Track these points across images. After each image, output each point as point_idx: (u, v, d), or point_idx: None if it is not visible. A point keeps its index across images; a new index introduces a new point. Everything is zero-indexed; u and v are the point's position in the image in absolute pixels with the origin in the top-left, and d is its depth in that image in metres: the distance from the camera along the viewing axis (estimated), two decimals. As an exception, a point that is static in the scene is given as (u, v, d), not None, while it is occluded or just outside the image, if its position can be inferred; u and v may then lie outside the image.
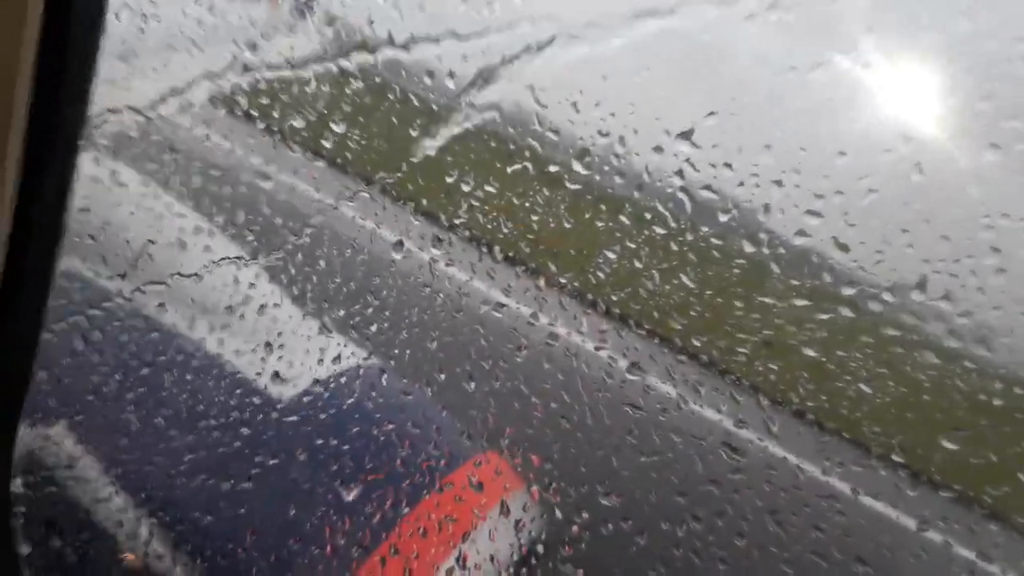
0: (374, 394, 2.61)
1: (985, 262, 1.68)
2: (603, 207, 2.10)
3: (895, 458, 2.01)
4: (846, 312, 1.88)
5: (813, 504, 2.03)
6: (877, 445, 2.06)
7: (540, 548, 2.30)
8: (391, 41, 2.09)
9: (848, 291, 1.86)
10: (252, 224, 2.70)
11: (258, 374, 2.75)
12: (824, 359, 1.96)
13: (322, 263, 2.56)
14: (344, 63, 2.23)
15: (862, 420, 2.03)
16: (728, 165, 1.87)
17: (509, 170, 2.12)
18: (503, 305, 2.42)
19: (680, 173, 1.95)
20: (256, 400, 2.69)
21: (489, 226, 2.26)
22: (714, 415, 2.15)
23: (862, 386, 1.92)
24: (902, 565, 2.00)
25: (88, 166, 3.10)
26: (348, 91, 2.21)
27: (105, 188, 2.99)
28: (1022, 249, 1.64)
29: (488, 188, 2.17)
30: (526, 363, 2.37)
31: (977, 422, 1.91)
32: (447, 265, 2.44)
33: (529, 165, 2.10)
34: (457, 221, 2.30)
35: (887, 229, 1.77)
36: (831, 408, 2.03)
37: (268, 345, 2.80)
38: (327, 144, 2.37)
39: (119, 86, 2.84)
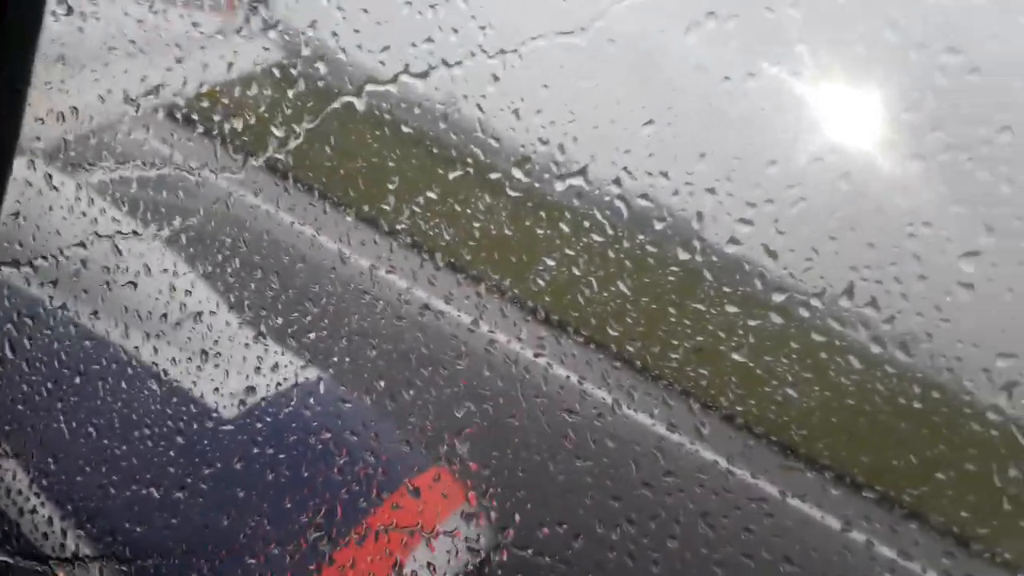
0: (312, 402, 2.58)
1: (908, 269, 1.73)
2: (543, 214, 2.11)
3: (821, 461, 2.05)
4: (775, 318, 1.92)
5: (743, 506, 2.06)
6: (804, 448, 2.10)
7: (480, 554, 2.29)
8: (336, 44, 2.09)
9: (778, 297, 1.90)
10: (188, 230, 2.66)
11: (194, 383, 2.70)
12: (753, 364, 1.99)
13: (259, 271, 2.53)
14: (287, 67, 2.22)
15: (789, 424, 2.07)
16: (664, 174, 1.90)
17: (451, 176, 2.13)
18: (443, 312, 2.42)
19: (617, 181, 1.98)
20: (192, 409, 2.64)
21: (430, 232, 2.26)
22: (647, 420, 2.17)
23: (789, 391, 1.96)
24: (827, 564, 2.04)
25: (21, 171, 3.04)
26: (290, 94, 2.20)
27: (38, 193, 2.92)
28: (943, 256, 1.70)
29: (429, 194, 2.18)
30: (466, 370, 2.36)
31: (897, 425, 1.96)
32: (388, 272, 2.43)
33: (471, 171, 2.11)
34: (398, 227, 2.29)
35: (815, 237, 1.81)
36: (759, 412, 2.07)
37: (204, 353, 2.75)
38: (267, 149, 2.34)
39: (56, 89, 2.78)
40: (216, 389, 2.63)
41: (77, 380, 2.79)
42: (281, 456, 2.51)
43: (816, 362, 1.91)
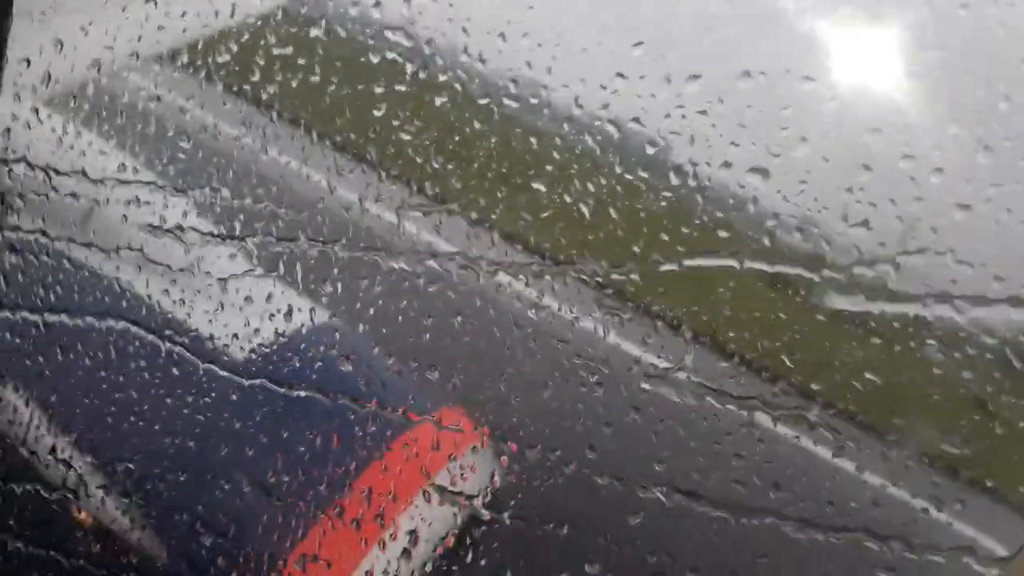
0: (314, 345, 2.51)
1: (903, 191, 1.65)
2: (532, 140, 2.02)
3: (814, 386, 1.99)
4: (767, 242, 1.84)
5: (734, 432, 2.01)
6: (794, 376, 2.04)
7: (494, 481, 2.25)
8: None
9: (771, 222, 1.83)
10: (177, 161, 2.57)
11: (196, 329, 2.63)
12: (744, 292, 1.92)
13: (248, 199, 2.43)
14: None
15: (779, 352, 2.01)
16: (654, 96, 1.81)
17: (437, 102, 2.03)
18: (432, 244, 2.34)
19: (607, 105, 1.89)
20: (201, 358, 2.58)
21: (418, 161, 2.17)
22: (637, 348, 2.11)
23: (781, 315, 1.89)
24: (816, 490, 1.99)
25: (7, 105, 2.94)
26: (273, 22, 2.09)
27: (25, 126, 2.84)
28: (939, 177, 1.62)
29: (417, 122, 2.08)
30: (459, 303, 2.30)
31: (890, 351, 1.90)
32: (376, 201, 2.34)
33: (458, 98, 2.01)
34: (385, 157, 2.20)
35: (810, 159, 1.73)
36: (750, 341, 2.00)
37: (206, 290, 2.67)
38: (252, 81, 2.24)
39: (37, 20, 2.68)
40: (219, 330, 2.57)
41: (71, 315, 2.75)
42: (289, 399, 2.45)
43: (808, 287, 1.84)
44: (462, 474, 2.29)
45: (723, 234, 1.86)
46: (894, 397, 1.93)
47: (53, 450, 2.56)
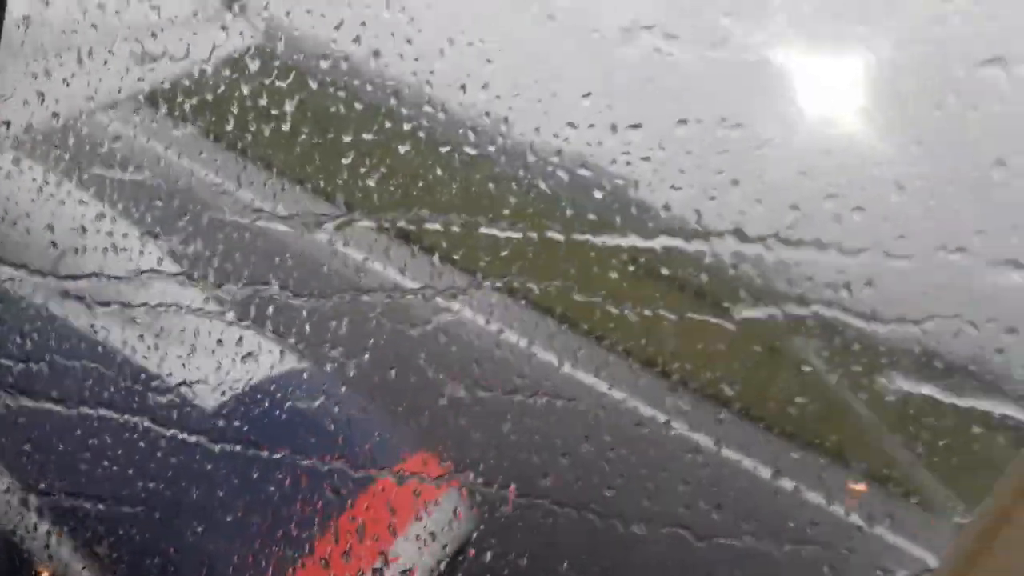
0: (289, 389, 2.54)
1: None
2: (491, 186, 2.15)
3: (753, 412, 2.11)
4: (706, 279, 1.98)
5: (680, 458, 2.12)
6: (736, 400, 2.16)
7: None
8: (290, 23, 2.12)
9: (709, 259, 1.96)
10: (154, 209, 2.65)
11: (169, 374, 2.65)
12: (689, 325, 2.04)
13: (220, 246, 2.53)
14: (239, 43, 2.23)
15: (719, 381, 2.13)
16: (601, 143, 1.95)
17: (401, 150, 2.16)
18: (399, 284, 2.45)
19: (559, 152, 2.03)
20: (168, 400, 2.59)
21: (385, 205, 2.29)
22: (591, 379, 2.22)
23: (720, 346, 2.01)
24: (758, 511, 2.10)
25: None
26: (248, 70, 2.22)
27: (6, 176, 2.89)
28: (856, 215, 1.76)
29: (383, 168, 2.20)
30: (424, 340, 2.39)
31: (825, 373, 2.02)
32: (344, 246, 2.45)
33: (421, 145, 2.14)
34: (353, 201, 2.32)
35: (743, 202, 1.87)
36: (693, 369, 2.13)
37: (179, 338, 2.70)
38: (225, 127, 2.36)
39: (23, 73, 2.76)
40: (191, 377, 2.59)
41: (45, 366, 2.73)
42: (261, 444, 2.47)
43: (750, 324, 1.97)
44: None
45: (665, 272, 2.00)
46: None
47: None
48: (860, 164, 1.88)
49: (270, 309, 2.54)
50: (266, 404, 2.56)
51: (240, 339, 2.60)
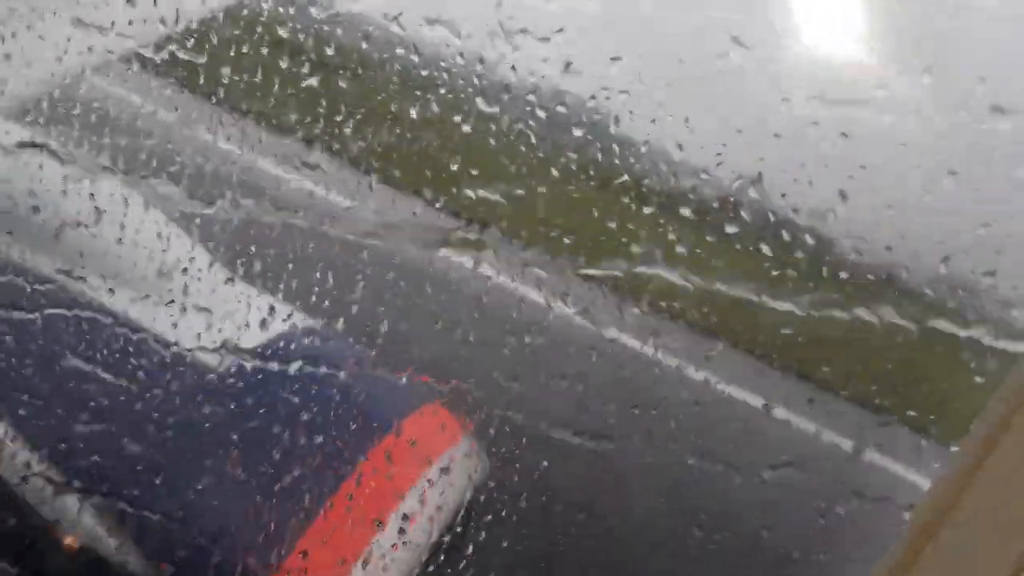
0: (295, 346, 2.50)
1: (811, 154, 1.74)
2: (468, 127, 2.09)
3: (744, 346, 2.08)
4: (689, 214, 1.93)
5: (671, 395, 2.10)
6: (726, 335, 2.14)
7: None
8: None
9: (692, 194, 1.91)
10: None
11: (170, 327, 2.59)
12: (673, 257, 2.00)
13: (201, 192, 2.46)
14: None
15: (709, 315, 2.10)
16: (578, 75, 1.88)
17: (379, 95, 2.10)
18: (385, 226, 2.39)
19: (535, 90, 1.96)
20: (183, 368, 2.55)
21: (364, 150, 2.23)
22: (582, 320, 2.19)
23: (719, 286, 1.97)
24: (752, 444, 2.09)
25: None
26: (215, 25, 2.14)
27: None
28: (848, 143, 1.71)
29: (361, 111, 2.14)
30: (410, 284, 2.36)
31: (812, 306, 1.99)
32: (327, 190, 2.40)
33: (395, 86, 2.08)
34: (335, 146, 2.26)
35: (725, 131, 1.81)
36: (684, 305, 2.09)
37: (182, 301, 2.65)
38: (200, 77, 2.29)
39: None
40: (197, 336, 2.54)
41: (43, 329, 2.69)
42: (271, 403, 2.43)
43: (731, 254, 1.93)
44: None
45: (648, 210, 1.95)
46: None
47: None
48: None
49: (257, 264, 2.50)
50: (276, 362, 2.53)
51: (244, 299, 2.56)
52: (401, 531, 2.22)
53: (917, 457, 1.98)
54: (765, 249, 1.91)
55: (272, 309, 2.52)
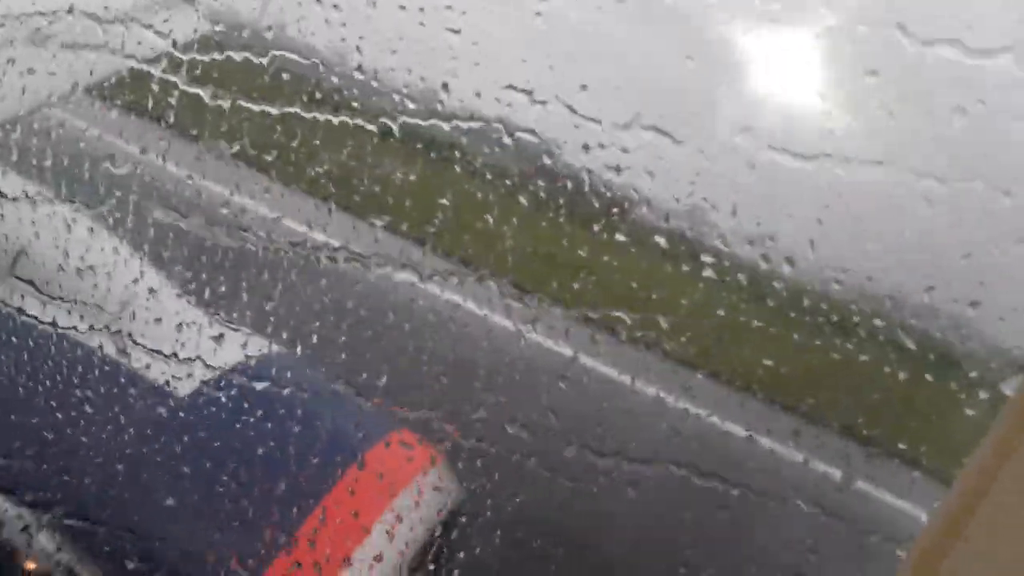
0: (262, 374, 2.43)
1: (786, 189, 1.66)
2: (432, 155, 2.01)
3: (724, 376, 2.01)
4: (663, 243, 1.85)
5: (649, 424, 2.03)
6: (707, 366, 2.06)
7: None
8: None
9: (664, 224, 1.84)
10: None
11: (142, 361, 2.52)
12: (647, 287, 1.93)
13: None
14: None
15: (688, 345, 2.03)
16: (544, 104, 1.79)
17: (335, 121, 2.01)
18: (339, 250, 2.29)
19: (501, 119, 1.87)
20: (142, 388, 2.48)
21: (320, 180, 2.14)
22: (553, 344, 2.12)
23: (696, 316, 1.90)
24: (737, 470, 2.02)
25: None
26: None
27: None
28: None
29: (316, 142, 2.05)
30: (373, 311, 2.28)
31: (789, 336, 1.92)
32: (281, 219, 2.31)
33: (359, 118, 1.99)
34: (290, 173, 2.18)
35: (695, 161, 1.73)
36: (658, 334, 2.02)
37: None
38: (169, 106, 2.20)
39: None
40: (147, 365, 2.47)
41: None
42: (239, 430, 2.36)
43: (708, 284, 1.85)
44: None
45: (621, 238, 1.87)
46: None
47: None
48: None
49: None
50: (237, 389, 2.45)
51: (207, 325, 2.49)
52: (370, 568, 2.15)
53: (908, 489, 1.91)
54: (742, 279, 1.83)
55: (226, 336, 2.45)
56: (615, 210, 1.84)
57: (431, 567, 2.16)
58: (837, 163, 1.52)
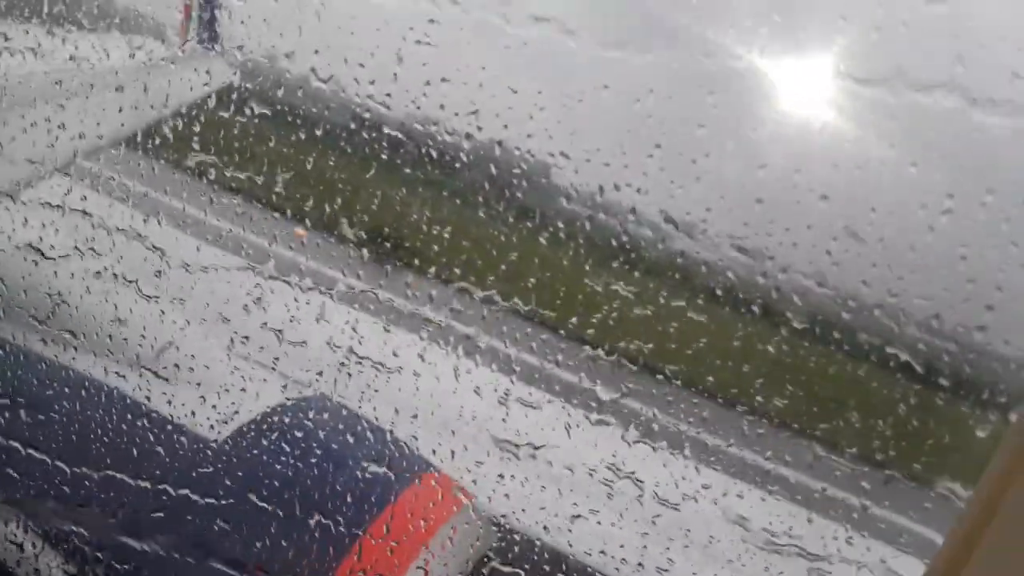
0: (296, 420, 2.48)
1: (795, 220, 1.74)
2: (457, 201, 2.10)
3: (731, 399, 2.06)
4: (678, 276, 1.93)
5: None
6: (721, 394, 2.12)
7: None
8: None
9: (681, 260, 1.91)
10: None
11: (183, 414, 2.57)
12: (660, 317, 2.00)
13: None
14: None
15: (704, 375, 2.09)
16: (564, 154, 1.89)
17: (367, 175, 2.10)
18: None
19: (520, 165, 1.97)
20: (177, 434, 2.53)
21: (332, 219, 2.23)
22: (571, 376, 2.17)
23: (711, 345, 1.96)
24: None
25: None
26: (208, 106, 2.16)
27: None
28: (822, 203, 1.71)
29: (326, 179, 2.15)
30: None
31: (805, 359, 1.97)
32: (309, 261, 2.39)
33: (377, 162, 2.09)
34: (303, 214, 2.27)
35: (709, 197, 1.81)
36: (677, 367, 2.08)
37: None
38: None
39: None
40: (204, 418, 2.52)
41: (42, 407, 2.67)
42: (271, 474, 2.40)
43: (721, 315, 1.92)
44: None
45: (636, 275, 1.95)
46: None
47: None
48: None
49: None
50: (273, 433, 2.50)
51: (239, 371, 2.54)
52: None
53: (924, 512, 1.94)
54: (756, 309, 1.90)
55: (265, 380, 2.52)
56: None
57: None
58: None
